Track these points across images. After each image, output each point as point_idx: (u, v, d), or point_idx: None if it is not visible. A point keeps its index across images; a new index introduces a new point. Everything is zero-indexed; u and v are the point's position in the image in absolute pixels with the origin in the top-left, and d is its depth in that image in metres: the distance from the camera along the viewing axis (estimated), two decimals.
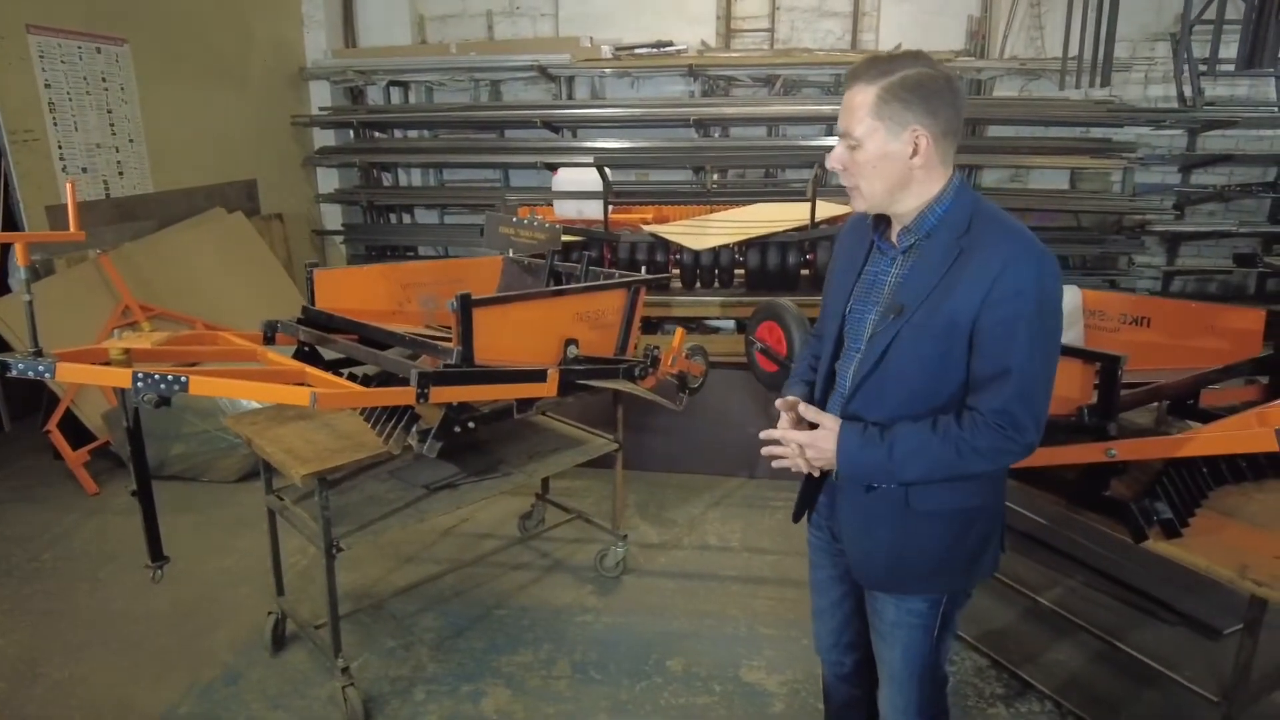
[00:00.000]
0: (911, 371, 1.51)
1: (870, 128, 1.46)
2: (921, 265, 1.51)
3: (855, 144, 1.48)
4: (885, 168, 1.48)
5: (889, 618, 1.70)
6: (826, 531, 1.80)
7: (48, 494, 4.20)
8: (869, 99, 1.45)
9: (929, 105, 1.44)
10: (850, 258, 1.67)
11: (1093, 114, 5.96)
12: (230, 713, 2.60)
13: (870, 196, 1.53)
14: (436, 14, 7.23)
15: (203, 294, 5.02)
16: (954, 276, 1.45)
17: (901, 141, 1.46)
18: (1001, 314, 1.41)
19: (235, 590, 3.28)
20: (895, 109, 1.44)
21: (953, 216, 1.50)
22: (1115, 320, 2.87)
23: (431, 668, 2.78)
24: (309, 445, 2.35)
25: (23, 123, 4.37)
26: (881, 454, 1.49)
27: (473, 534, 3.68)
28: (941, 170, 1.50)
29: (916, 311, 1.48)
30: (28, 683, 2.75)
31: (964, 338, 1.46)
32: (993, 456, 1.45)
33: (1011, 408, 1.42)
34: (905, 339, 1.49)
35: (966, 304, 1.43)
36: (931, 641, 1.69)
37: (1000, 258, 1.42)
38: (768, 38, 6.85)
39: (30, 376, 1.91)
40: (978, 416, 1.45)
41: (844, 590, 1.84)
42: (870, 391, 1.55)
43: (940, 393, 1.51)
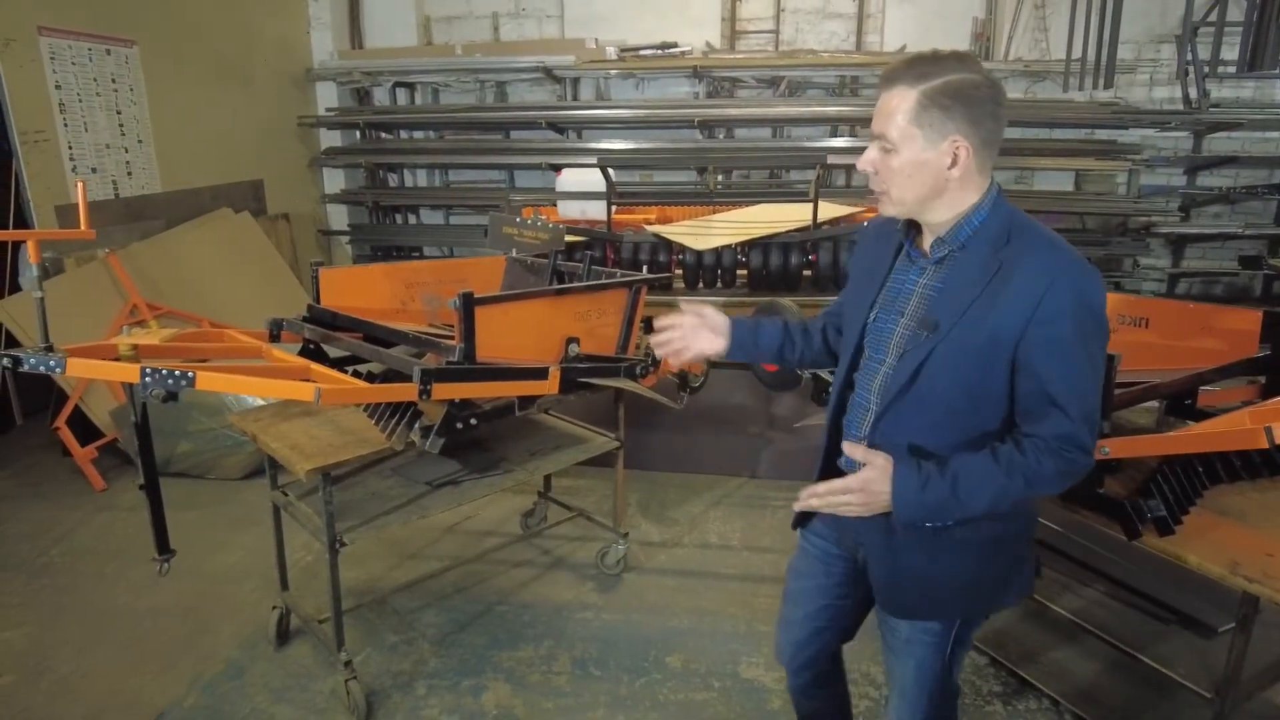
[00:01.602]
0: (948, 391, 1.43)
1: (907, 134, 1.38)
2: (957, 278, 1.42)
3: (890, 148, 1.41)
4: (919, 176, 1.40)
5: (903, 634, 1.64)
6: (831, 543, 1.72)
7: (56, 490, 4.25)
8: (908, 104, 1.37)
9: (971, 114, 1.36)
10: (874, 263, 1.58)
11: (1097, 116, 5.96)
12: (234, 706, 2.63)
13: (901, 204, 1.46)
14: (442, 15, 7.27)
15: (209, 293, 5.06)
16: (995, 292, 1.37)
17: (939, 151, 1.38)
18: (1052, 333, 1.34)
19: (239, 586, 3.31)
20: (935, 116, 1.36)
21: (989, 228, 1.42)
22: (1113, 321, 2.87)
23: (433, 663, 2.81)
24: (313, 441, 2.38)
25: (33, 123, 4.43)
26: (944, 493, 1.39)
27: (475, 531, 3.71)
28: (979, 180, 1.43)
29: (954, 328, 1.39)
30: (35, 676, 2.79)
31: (1006, 356, 1.38)
32: (1059, 480, 1.40)
33: (1075, 432, 1.36)
34: (941, 357, 1.41)
35: (1011, 322, 1.35)
36: (945, 659, 1.63)
37: (1046, 274, 1.35)
38: (772, 39, 6.88)
39: (41, 371, 1.95)
40: (1041, 443, 1.37)
41: (824, 604, 1.76)
42: (902, 412, 1.47)
43: (979, 412, 1.43)
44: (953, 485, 1.39)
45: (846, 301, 1.68)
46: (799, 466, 4.18)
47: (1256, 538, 1.92)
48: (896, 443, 1.47)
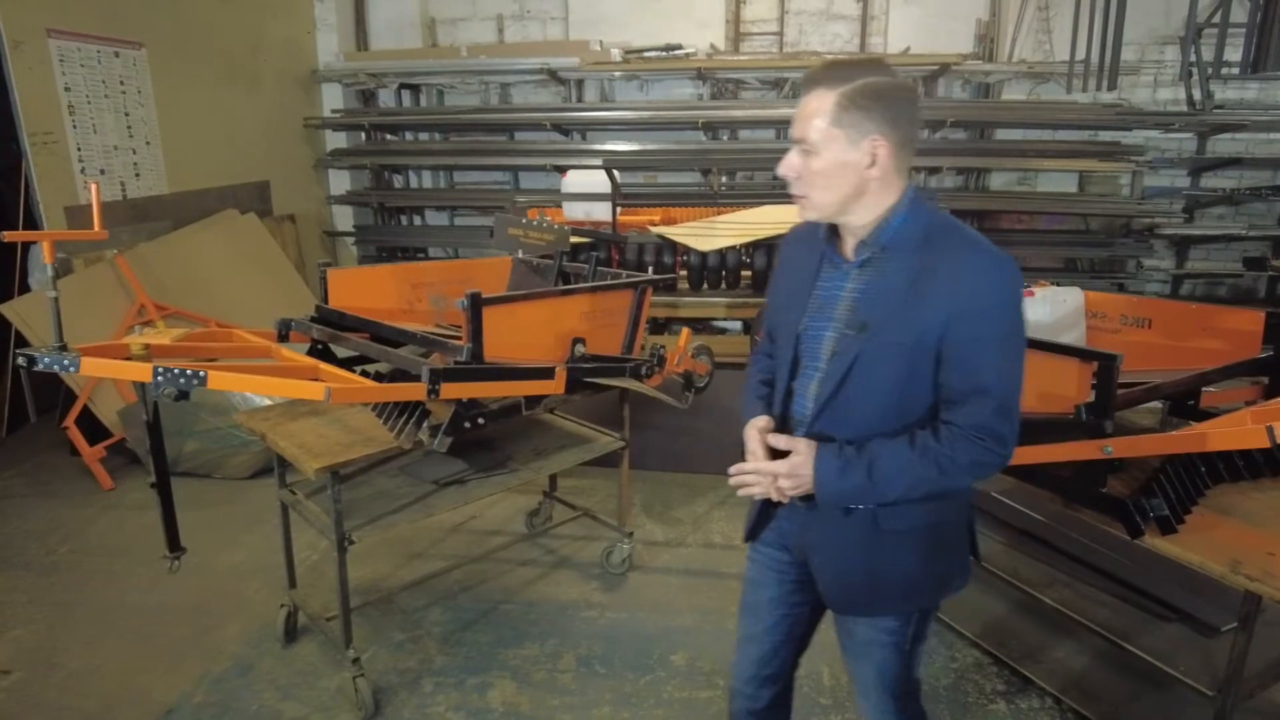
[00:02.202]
0: (878, 390, 1.46)
1: (828, 135, 1.40)
2: (881, 280, 1.46)
3: (811, 150, 1.43)
4: (840, 177, 1.43)
5: (861, 637, 1.66)
6: (779, 550, 1.73)
7: (64, 488, 4.27)
8: (828, 105, 1.40)
9: (890, 115, 1.39)
10: (799, 272, 1.60)
11: (1101, 117, 5.97)
12: (242, 702, 2.66)
13: (822, 207, 1.48)
14: (447, 17, 7.29)
15: (215, 294, 5.09)
16: (918, 291, 1.41)
17: (860, 151, 1.41)
18: (973, 329, 1.39)
19: (246, 584, 3.34)
20: (855, 117, 1.39)
21: (910, 229, 1.45)
22: (1115, 321, 2.90)
23: (439, 660, 2.83)
24: (321, 440, 2.41)
25: (43, 125, 4.45)
26: (860, 475, 1.44)
27: (480, 530, 3.73)
28: (897, 181, 1.45)
29: (881, 329, 1.43)
30: (46, 671, 2.82)
31: (931, 353, 1.42)
32: (974, 470, 1.44)
33: (992, 423, 1.40)
34: (869, 357, 1.44)
35: (935, 319, 1.39)
36: (905, 656, 1.65)
37: (967, 271, 1.39)
38: (776, 41, 6.89)
39: (55, 370, 1.97)
40: (956, 431, 1.41)
41: (783, 613, 1.76)
42: (835, 412, 1.50)
43: (909, 410, 1.47)
44: (869, 469, 1.44)
45: (776, 312, 1.69)
46: None
47: (1258, 537, 1.94)
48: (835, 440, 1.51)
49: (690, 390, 3.14)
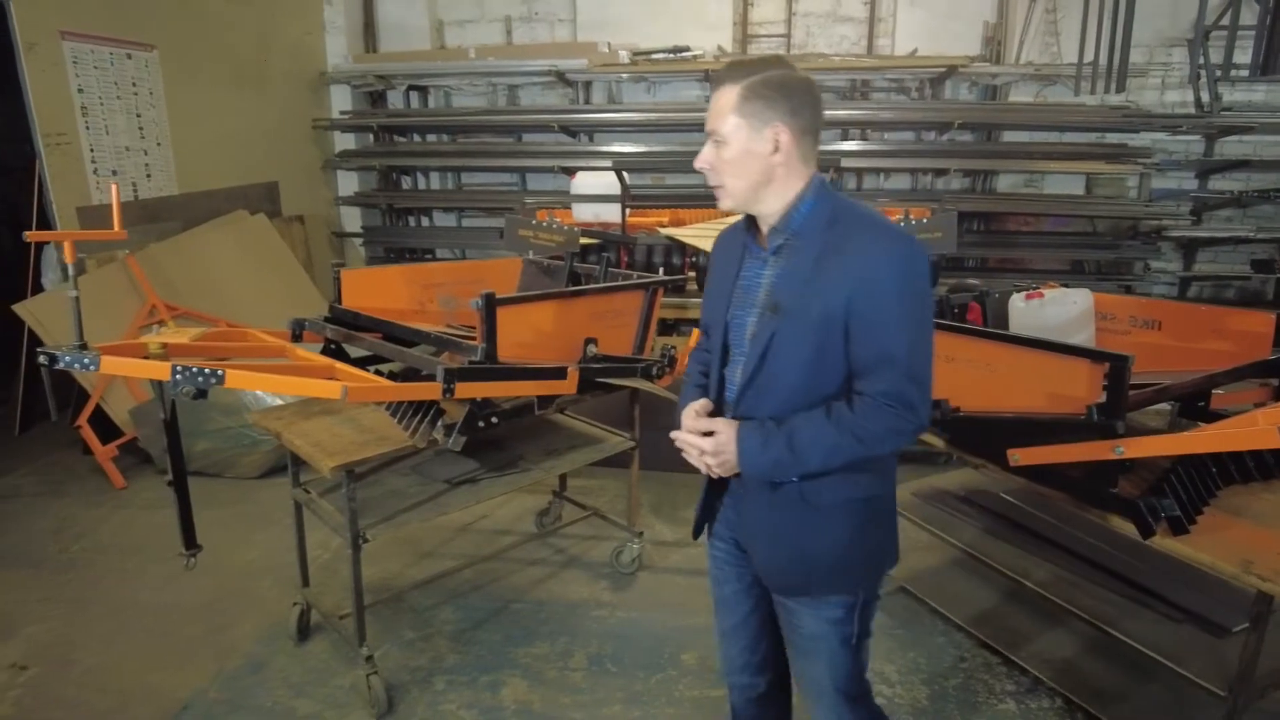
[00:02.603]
0: (792, 368, 1.53)
1: (735, 125, 1.50)
2: (792, 264, 1.55)
3: (721, 141, 1.53)
4: (749, 165, 1.52)
5: (807, 630, 1.69)
6: (731, 543, 1.79)
7: (77, 487, 4.31)
8: (733, 98, 1.50)
9: (790, 104, 1.49)
10: (725, 265, 1.69)
11: (1108, 119, 5.97)
12: (256, 699, 2.68)
13: (735, 194, 1.57)
14: (455, 19, 7.32)
15: (225, 294, 5.11)
16: (824, 272, 1.49)
17: (764, 138, 1.50)
18: (875, 301, 1.46)
19: (258, 583, 3.36)
20: (758, 106, 1.49)
21: (817, 214, 1.54)
22: (1125, 323, 2.91)
23: (451, 658, 2.85)
24: (336, 439, 2.43)
25: (56, 126, 4.49)
26: (781, 447, 1.51)
27: (490, 530, 3.75)
28: (803, 169, 1.55)
29: (792, 308, 1.51)
30: (62, 667, 2.85)
31: (840, 331, 1.49)
32: (888, 438, 1.50)
33: (900, 388, 1.47)
34: (783, 336, 1.52)
35: (842, 295, 1.47)
36: (852, 652, 1.70)
37: (870, 248, 1.48)
38: (784, 43, 6.90)
39: (76, 369, 1.99)
40: (868, 400, 1.48)
41: (752, 603, 1.81)
42: (757, 391, 1.57)
43: (822, 387, 1.53)
44: (789, 440, 1.51)
45: (706, 307, 1.77)
46: None
47: (1270, 537, 1.95)
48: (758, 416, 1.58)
49: None
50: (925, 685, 2.74)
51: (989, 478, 3.38)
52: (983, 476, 3.39)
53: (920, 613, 3.11)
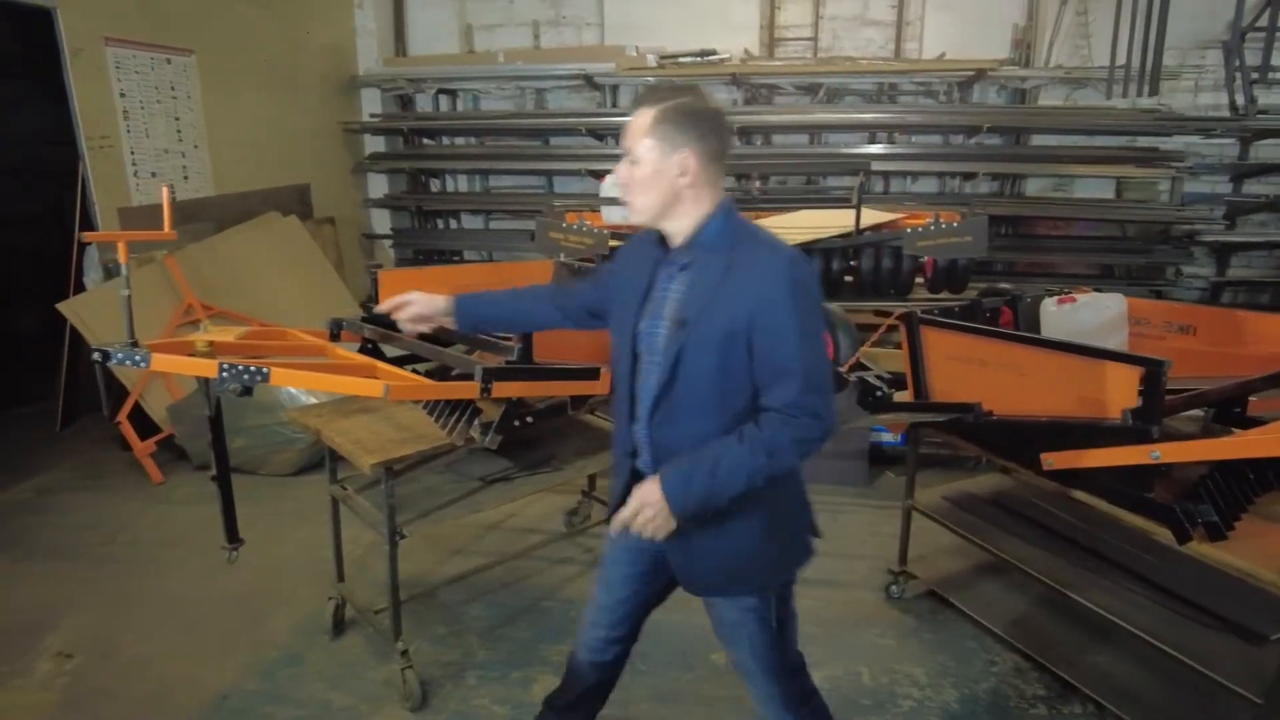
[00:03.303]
0: (701, 380, 1.62)
1: (648, 146, 1.61)
2: (698, 280, 1.63)
3: (635, 161, 1.64)
4: (658, 184, 1.62)
5: (728, 619, 1.79)
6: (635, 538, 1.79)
7: (115, 482, 4.40)
8: (648, 121, 1.61)
9: (699, 130, 1.60)
10: (634, 276, 1.76)
11: (1139, 123, 5.91)
12: (293, 692, 2.73)
13: (644, 210, 1.67)
14: (484, 23, 7.39)
15: (258, 294, 5.20)
16: (727, 288, 1.58)
17: (673, 162, 1.60)
18: (773, 314, 1.55)
19: (292, 578, 3.42)
20: (670, 131, 1.59)
21: (723, 234, 1.64)
22: (1159, 328, 2.89)
23: (482, 654, 2.89)
24: (375, 437, 2.47)
25: (99, 129, 4.60)
26: (704, 479, 1.59)
27: (518, 529, 3.79)
28: (711, 192, 1.65)
29: (698, 322, 1.60)
30: (104, 657, 2.92)
31: (742, 344, 1.58)
32: (798, 448, 1.59)
33: (803, 399, 1.56)
34: (692, 349, 1.61)
35: (741, 310, 1.56)
36: (773, 633, 1.79)
37: (765, 266, 1.58)
38: (810, 46, 6.90)
39: (128, 366, 2.05)
40: (774, 415, 1.57)
41: (635, 588, 1.94)
42: (671, 402, 1.66)
43: (730, 400, 1.62)
44: (712, 471, 1.59)
45: (613, 311, 1.84)
46: (834, 470, 4.22)
47: None
48: (674, 431, 1.68)
49: None
50: (955, 689, 2.74)
51: (1019, 482, 3.38)
52: (1012, 481, 3.40)
53: (948, 616, 3.11)
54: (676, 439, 1.67)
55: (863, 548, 3.63)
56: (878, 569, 3.41)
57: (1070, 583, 2.65)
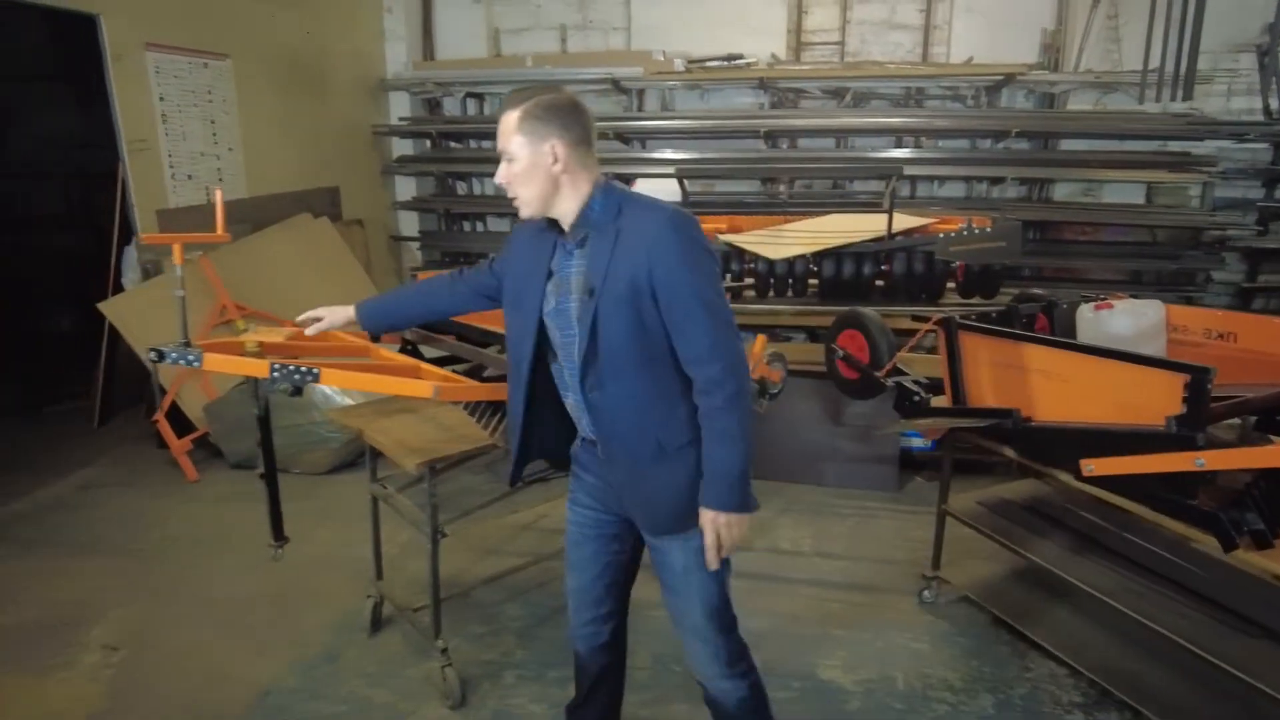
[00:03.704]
0: (619, 337, 1.76)
1: (519, 143, 1.74)
2: (595, 252, 1.78)
3: (511, 159, 1.76)
4: (535, 176, 1.76)
5: (679, 566, 1.92)
6: (590, 510, 2.03)
7: (151, 479, 4.48)
8: (514, 120, 1.74)
9: (562, 121, 1.74)
10: (532, 264, 1.89)
11: (1171, 127, 5.86)
12: (332, 689, 2.77)
13: (530, 203, 1.80)
14: (511, 27, 7.45)
15: (290, 294, 5.25)
16: (620, 251, 1.74)
17: (543, 152, 1.74)
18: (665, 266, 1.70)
19: (326, 576, 3.46)
20: (535, 126, 1.73)
21: (606, 207, 1.78)
22: (1199, 335, 2.88)
23: (519, 654, 2.92)
24: (417, 436, 2.51)
25: (138, 132, 4.68)
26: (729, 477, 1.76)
27: (550, 529, 3.80)
28: (586, 175, 1.78)
29: (604, 289, 1.74)
30: (146, 650, 2.98)
31: (647, 298, 1.73)
32: (741, 398, 1.76)
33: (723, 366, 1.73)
34: (605, 313, 1.75)
35: (638, 266, 1.71)
36: (718, 581, 1.93)
37: (651, 224, 1.73)
38: (837, 50, 6.91)
39: (181, 365, 2.10)
40: (711, 387, 1.74)
41: (606, 561, 2.07)
42: (597, 366, 1.79)
43: (650, 348, 1.77)
44: (726, 470, 1.76)
45: (510, 295, 1.97)
46: (865, 475, 4.22)
47: None
48: (606, 393, 1.80)
49: (765, 397, 3.18)
50: (990, 693, 2.74)
51: (1053, 489, 3.37)
52: (1047, 487, 3.39)
53: (982, 621, 3.11)
54: (609, 402, 1.81)
55: (894, 553, 3.63)
56: (909, 574, 3.41)
57: (1109, 589, 2.64)
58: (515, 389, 1.97)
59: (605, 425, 1.84)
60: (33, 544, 3.75)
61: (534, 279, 1.87)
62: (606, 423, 1.84)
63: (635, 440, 1.83)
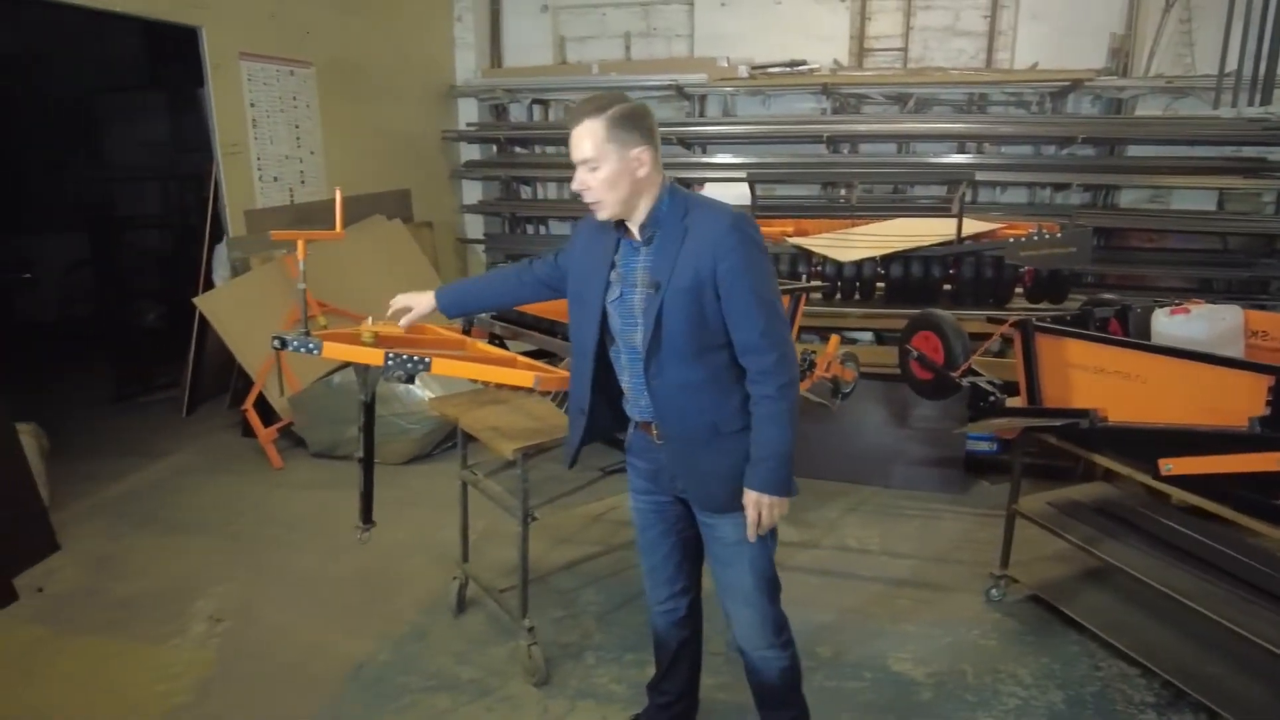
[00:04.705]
0: (683, 329, 1.88)
1: (604, 151, 1.84)
2: (661, 249, 1.90)
3: (595, 166, 1.85)
4: (621, 181, 1.86)
5: (731, 539, 2.02)
6: (649, 496, 2.17)
7: (239, 466, 4.71)
8: (602, 128, 1.83)
9: (645, 128, 1.86)
10: (596, 258, 2.02)
11: (1245, 132, 5.77)
12: (422, 664, 2.92)
13: (612, 206, 1.89)
14: (576, 35, 7.63)
15: (366, 293, 5.43)
16: (687, 249, 1.86)
17: (631, 158, 1.84)
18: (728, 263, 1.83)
19: (410, 559, 3.63)
20: (622, 133, 1.83)
21: (674, 208, 1.91)
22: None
23: (597, 636, 3.04)
24: (510, 425, 2.65)
25: (232, 137, 4.94)
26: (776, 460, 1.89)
27: (620, 521, 3.92)
28: (659, 177, 1.91)
29: (670, 281, 1.87)
30: (249, 623, 3.17)
31: (710, 292, 1.86)
32: (790, 388, 1.90)
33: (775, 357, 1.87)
34: (670, 305, 1.87)
35: (703, 262, 1.84)
36: (767, 550, 2.08)
37: (715, 223, 1.86)
38: (900, 56, 6.93)
39: (302, 353, 2.26)
40: (763, 377, 1.88)
41: (671, 544, 2.21)
42: (661, 354, 1.91)
43: (709, 339, 1.90)
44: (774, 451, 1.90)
45: (573, 286, 2.10)
46: (930, 477, 4.26)
47: None
48: (665, 379, 1.93)
49: (838, 396, 3.27)
50: (1060, 690, 2.77)
51: (1124, 491, 3.39)
52: (1116, 490, 3.40)
53: (1051, 621, 3.14)
54: (669, 387, 1.94)
55: (960, 553, 3.67)
56: (977, 574, 3.44)
57: (1184, 591, 2.66)
58: (580, 374, 2.10)
59: (663, 407, 1.97)
60: (139, 523, 3.99)
61: (597, 271, 2.00)
62: (665, 405, 1.97)
63: (692, 422, 1.96)
